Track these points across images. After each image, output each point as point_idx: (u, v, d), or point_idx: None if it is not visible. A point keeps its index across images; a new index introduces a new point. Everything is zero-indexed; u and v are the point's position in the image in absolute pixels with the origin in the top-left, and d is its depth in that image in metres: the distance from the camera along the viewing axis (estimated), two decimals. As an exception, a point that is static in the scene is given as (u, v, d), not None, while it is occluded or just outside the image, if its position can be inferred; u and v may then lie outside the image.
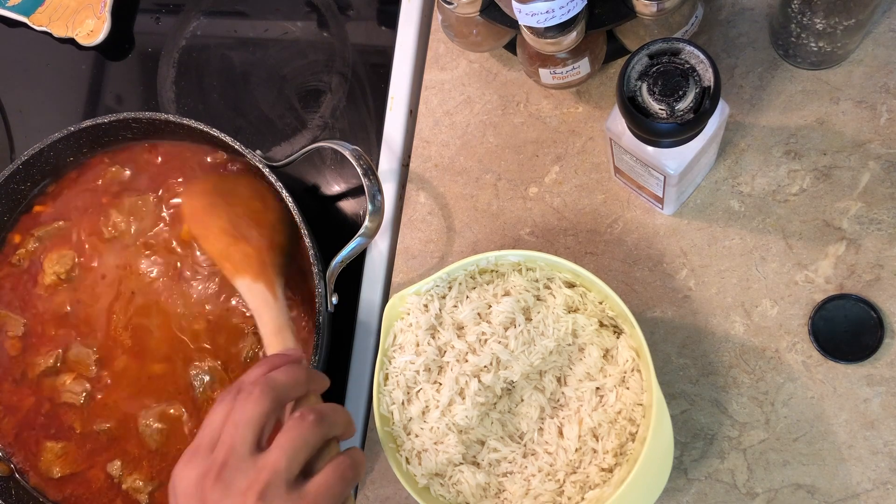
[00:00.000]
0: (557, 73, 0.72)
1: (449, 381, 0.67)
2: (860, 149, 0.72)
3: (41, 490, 0.77)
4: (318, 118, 0.87)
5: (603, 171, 0.77)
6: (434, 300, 0.68)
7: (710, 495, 0.70)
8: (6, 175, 0.79)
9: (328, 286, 0.73)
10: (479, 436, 0.67)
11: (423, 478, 0.67)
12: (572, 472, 0.66)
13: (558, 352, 0.67)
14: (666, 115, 0.58)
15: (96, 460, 0.77)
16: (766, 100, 0.74)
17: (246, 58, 0.90)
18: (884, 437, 0.68)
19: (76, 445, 0.77)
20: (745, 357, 0.71)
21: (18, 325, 0.80)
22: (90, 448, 0.77)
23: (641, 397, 0.65)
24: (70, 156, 0.82)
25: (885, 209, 0.71)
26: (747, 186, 0.73)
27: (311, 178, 0.85)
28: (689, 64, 0.58)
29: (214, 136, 0.77)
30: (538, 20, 0.64)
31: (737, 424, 0.70)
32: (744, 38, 0.76)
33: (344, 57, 0.88)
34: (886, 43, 0.73)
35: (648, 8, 0.66)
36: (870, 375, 0.69)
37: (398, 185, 0.81)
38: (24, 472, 0.78)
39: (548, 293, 0.68)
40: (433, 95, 0.82)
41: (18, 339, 0.80)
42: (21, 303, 0.80)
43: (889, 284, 0.70)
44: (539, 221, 0.77)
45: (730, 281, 0.73)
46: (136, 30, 0.93)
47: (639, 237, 0.75)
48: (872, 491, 0.67)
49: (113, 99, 0.92)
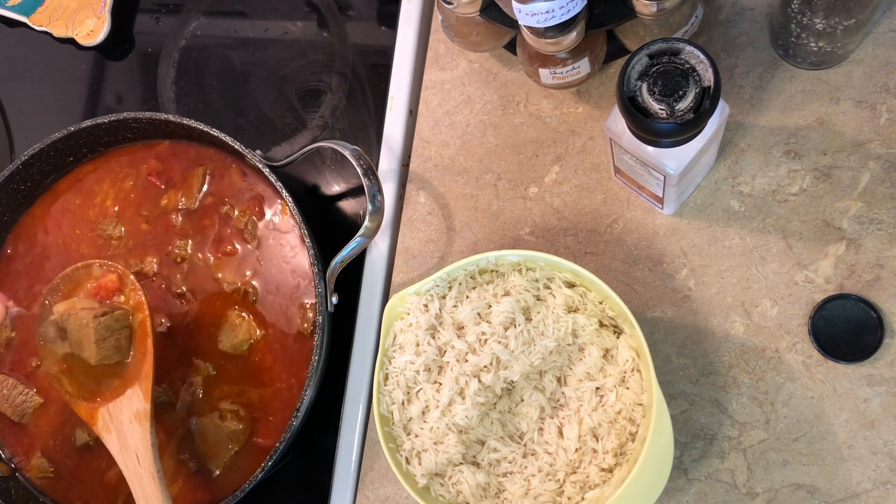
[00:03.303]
0: (557, 73, 0.72)
1: (449, 381, 0.67)
2: (860, 149, 0.72)
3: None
4: (318, 118, 0.87)
5: (603, 171, 0.77)
6: (434, 300, 0.68)
7: (710, 495, 0.70)
8: (6, 175, 0.79)
9: (328, 286, 0.73)
10: (479, 436, 0.67)
11: (423, 478, 0.67)
12: (572, 472, 0.66)
13: (558, 352, 0.67)
14: (666, 115, 0.58)
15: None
16: (766, 100, 0.74)
17: (246, 58, 0.90)
18: (884, 437, 0.68)
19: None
20: (745, 357, 0.71)
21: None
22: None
23: (641, 397, 0.65)
24: (70, 156, 0.82)
25: (885, 209, 0.71)
26: (747, 186, 0.73)
27: (311, 178, 0.85)
28: (689, 64, 0.58)
29: (214, 136, 0.77)
30: (538, 20, 0.64)
31: (737, 424, 0.70)
32: (744, 38, 0.76)
33: (344, 57, 0.88)
34: (886, 43, 0.73)
35: (648, 8, 0.66)
36: (870, 375, 0.69)
37: (398, 185, 0.81)
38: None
39: (548, 293, 0.68)
40: (433, 95, 0.82)
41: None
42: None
43: (889, 284, 0.70)
44: (539, 221, 0.77)
45: (730, 281, 0.73)
46: (136, 30, 0.93)
47: (639, 237, 0.75)
48: (872, 491, 0.67)
49: (113, 99, 0.92)
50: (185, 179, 0.81)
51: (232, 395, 0.77)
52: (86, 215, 0.83)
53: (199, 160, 0.82)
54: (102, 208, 0.83)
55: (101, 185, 0.83)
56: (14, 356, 0.80)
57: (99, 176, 0.83)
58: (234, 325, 0.78)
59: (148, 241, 0.81)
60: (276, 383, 0.77)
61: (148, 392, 0.70)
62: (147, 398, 0.70)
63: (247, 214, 0.79)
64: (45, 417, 0.79)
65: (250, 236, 0.79)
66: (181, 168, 0.82)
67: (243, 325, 0.78)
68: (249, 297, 0.78)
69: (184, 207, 0.81)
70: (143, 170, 0.82)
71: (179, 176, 0.82)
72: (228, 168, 0.81)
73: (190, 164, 0.82)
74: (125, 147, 0.83)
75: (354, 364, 0.78)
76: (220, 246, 0.80)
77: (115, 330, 0.71)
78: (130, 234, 0.81)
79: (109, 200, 0.83)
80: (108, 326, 0.71)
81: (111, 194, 0.83)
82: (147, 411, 0.70)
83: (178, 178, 0.82)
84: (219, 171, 0.81)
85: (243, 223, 0.79)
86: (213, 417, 0.77)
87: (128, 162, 0.83)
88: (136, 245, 0.81)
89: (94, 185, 0.83)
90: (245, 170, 0.80)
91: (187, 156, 0.82)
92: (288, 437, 0.72)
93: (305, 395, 0.72)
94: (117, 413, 0.71)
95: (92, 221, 0.82)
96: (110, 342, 0.71)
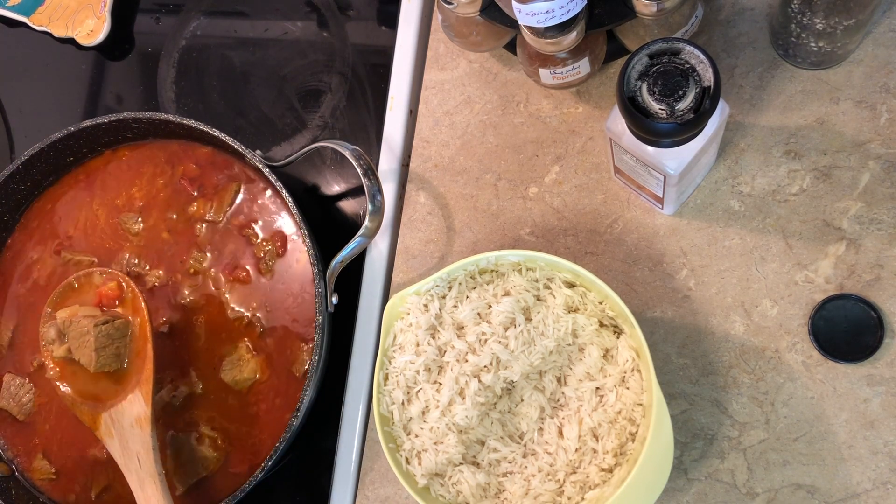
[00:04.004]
0: (557, 73, 0.72)
1: (449, 381, 0.67)
2: (860, 149, 0.72)
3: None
4: (318, 118, 0.87)
5: (603, 171, 0.77)
6: (434, 300, 0.68)
7: (710, 495, 0.70)
8: (6, 175, 0.79)
9: (328, 286, 0.73)
10: (479, 436, 0.67)
11: (423, 478, 0.67)
12: (572, 472, 0.66)
13: (558, 352, 0.67)
14: (666, 115, 0.58)
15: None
16: (766, 100, 0.74)
17: (246, 58, 0.90)
18: (884, 437, 0.68)
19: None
20: (745, 357, 0.71)
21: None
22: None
23: (641, 397, 0.65)
24: (70, 156, 0.82)
25: (885, 209, 0.71)
26: (747, 186, 0.73)
27: (311, 178, 0.85)
28: (689, 64, 0.58)
29: (214, 136, 0.77)
30: (538, 20, 0.64)
31: (737, 424, 0.70)
32: (744, 38, 0.76)
33: (344, 57, 0.88)
34: (886, 43, 0.73)
35: (648, 8, 0.66)
36: (870, 375, 0.69)
37: (398, 185, 0.81)
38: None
39: (548, 293, 0.68)
40: (433, 95, 0.82)
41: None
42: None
43: (889, 284, 0.70)
44: (539, 221, 0.77)
45: (730, 281, 0.73)
46: (136, 30, 0.93)
47: (639, 237, 0.75)
48: (872, 491, 0.67)
49: (113, 99, 0.92)
50: (218, 192, 0.80)
51: (215, 422, 0.77)
52: (114, 202, 0.82)
53: (236, 177, 0.80)
54: (129, 199, 0.82)
55: (137, 173, 0.82)
56: (16, 356, 0.80)
57: (139, 161, 0.82)
58: (243, 360, 0.77)
59: (164, 248, 0.80)
60: (262, 431, 0.76)
61: (148, 396, 0.71)
62: (148, 402, 0.70)
63: (269, 244, 0.78)
64: (47, 417, 0.79)
65: (265, 268, 0.78)
66: (216, 179, 0.80)
67: (251, 363, 0.77)
68: (255, 329, 0.77)
69: (211, 220, 0.80)
70: (179, 171, 0.81)
71: (212, 187, 0.80)
72: (262, 193, 0.79)
73: (226, 177, 0.80)
74: (167, 142, 0.82)
75: (354, 364, 0.78)
76: (235, 269, 0.79)
77: (115, 339, 0.71)
78: (147, 234, 0.80)
79: (139, 193, 0.82)
80: (109, 335, 0.71)
81: (142, 188, 0.82)
82: (148, 415, 0.70)
83: (210, 188, 0.80)
84: (253, 193, 0.80)
85: (263, 252, 0.78)
86: (191, 438, 0.76)
87: (166, 158, 0.82)
88: (149, 247, 0.80)
89: (132, 171, 0.82)
90: (277, 199, 0.79)
91: (225, 168, 0.81)
92: (288, 437, 0.72)
93: (305, 395, 0.72)
94: (119, 418, 0.71)
95: (118, 209, 0.82)
96: (110, 350, 0.71)
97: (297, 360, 0.76)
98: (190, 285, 0.79)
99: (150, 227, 0.81)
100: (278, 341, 0.77)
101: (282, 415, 0.75)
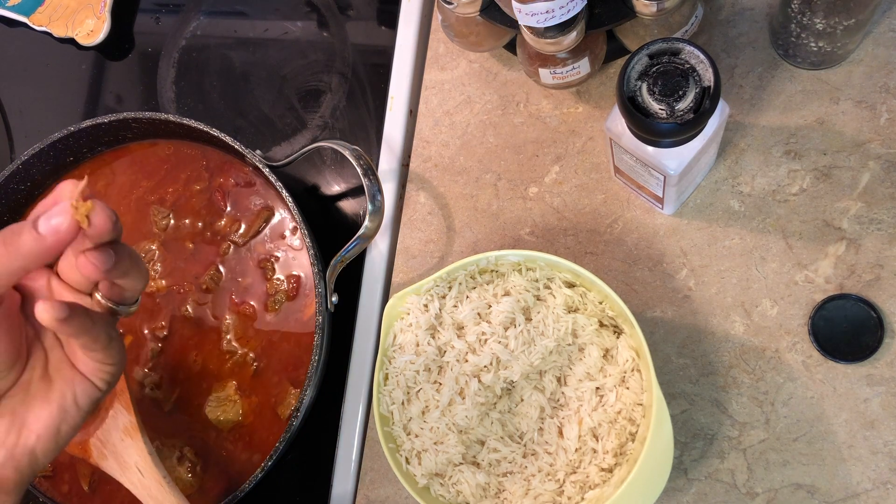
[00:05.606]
0: (557, 73, 0.72)
1: (449, 381, 0.67)
2: (860, 149, 0.72)
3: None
4: (318, 118, 0.87)
5: (603, 171, 0.77)
6: (434, 300, 0.68)
7: (710, 495, 0.70)
8: (6, 175, 0.79)
9: (328, 286, 0.73)
10: (479, 436, 0.67)
11: (423, 478, 0.67)
12: (572, 472, 0.66)
13: (558, 352, 0.67)
14: (666, 115, 0.58)
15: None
16: (766, 100, 0.74)
17: (246, 58, 0.90)
18: (884, 437, 0.68)
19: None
20: (745, 357, 0.71)
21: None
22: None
23: (641, 397, 0.65)
24: (70, 156, 0.82)
25: (885, 209, 0.71)
26: (747, 186, 0.73)
27: (311, 178, 0.85)
28: (689, 64, 0.58)
29: (214, 136, 0.77)
30: (538, 20, 0.64)
31: (737, 424, 0.70)
32: (744, 38, 0.76)
33: (344, 57, 0.88)
34: (886, 43, 0.73)
35: (648, 8, 0.66)
36: (870, 375, 0.69)
37: (398, 185, 0.81)
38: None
39: (548, 293, 0.68)
40: (433, 95, 0.82)
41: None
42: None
43: (889, 284, 0.70)
44: (539, 221, 0.77)
45: (730, 281, 0.73)
46: (136, 30, 0.93)
47: (639, 237, 0.75)
48: (872, 491, 0.67)
49: (113, 99, 0.92)
50: (247, 216, 0.79)
51: (195, 446, 0.77)
52: (146, 195, 0.82)
53: (269, 207, 0.79)
54: (162, 194, 0.81)
55: (178, 168, 0.81)
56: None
57: (179, 161, 0.82)
58: (229, 400, 0.77)
59: (179, 260, 0.80)
60: (238, 464, 0.76)
61: (129, 404, 0.68)
62: (130, 411, 0.68)
63: (283, 284, 0.78)
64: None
65: (272, 307, 0.78)
66: (250, 202, 0.80)
67: (236, 406, 0.77)
68: (248, 368, 0.77)
69: (236, 241, 0.79)
70: (216, 183, 0.80)
71: (245, 209, 0.80)
72: (293, 231, 0.79)
73: (261, 204, 0.80)
74: (208, 147, 0.81)
75: (354, 364, 0.78)
76: (242, 303, 0.78)
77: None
78: (170, 240, 0.80)
79: (171, 191, 0.81)
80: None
81: (177, 187, 0.81)
82: (134, 423, 0.68)
83: (243, 208, 0.80)
84: (281, 227, 0.79)
85: (275, 290, 0.78)
86: (172, 457, 0.76)
87: (206, 165, 0.81)
88: (165, 250, 0.80)
89: (176, 164, 0.82)
90: (302, 239, 0.78)
91: (262, 195, 0.80)
92: (288, 437, 0.72)
93: (305, 395, 0.72)
94: (106, 437, 0.68)
95: (148, 202, 0.81)
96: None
97: (284, 401, 0.76)
98: (194, 300, 0.79)
99: (174, 232, 0.80)
100: (268, 384, 0.77)
101: (263, 442, 0.76)
